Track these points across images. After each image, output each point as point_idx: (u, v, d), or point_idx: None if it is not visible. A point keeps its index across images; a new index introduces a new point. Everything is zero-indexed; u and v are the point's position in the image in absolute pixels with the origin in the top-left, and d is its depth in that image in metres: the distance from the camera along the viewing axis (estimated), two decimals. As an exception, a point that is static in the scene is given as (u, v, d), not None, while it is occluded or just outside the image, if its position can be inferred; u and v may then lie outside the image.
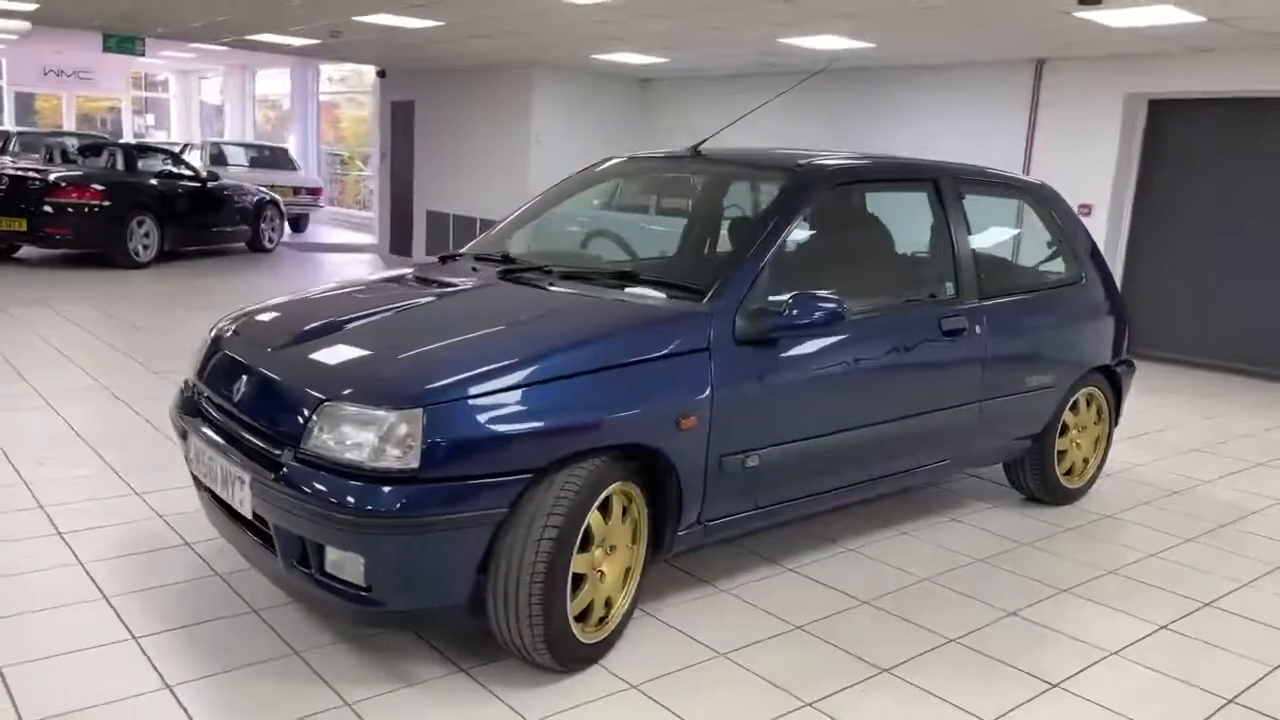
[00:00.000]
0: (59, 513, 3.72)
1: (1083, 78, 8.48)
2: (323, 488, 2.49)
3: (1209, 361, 8.12)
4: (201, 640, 2.84)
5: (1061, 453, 4.30)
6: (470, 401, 2.52)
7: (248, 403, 2.83)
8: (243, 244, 13.05)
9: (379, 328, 3.01)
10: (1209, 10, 6.21)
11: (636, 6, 7.30)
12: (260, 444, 2.70)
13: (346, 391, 2.58)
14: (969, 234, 3.80)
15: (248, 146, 17.42)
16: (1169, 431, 5.83)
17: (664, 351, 2.84)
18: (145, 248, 10.80)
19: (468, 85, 12.33)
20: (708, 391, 2.88)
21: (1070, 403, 4.25)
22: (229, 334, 3.21)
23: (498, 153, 12.01)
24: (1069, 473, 4.36)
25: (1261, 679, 2.92)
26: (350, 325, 3.00)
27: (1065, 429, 4.29)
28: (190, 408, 3.13)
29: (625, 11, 7.48)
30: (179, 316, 8.20)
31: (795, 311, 3.00)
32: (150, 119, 24.68)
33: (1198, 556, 3.89)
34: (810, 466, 3.28)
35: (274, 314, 3.33)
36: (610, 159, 4.28)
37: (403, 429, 2.46)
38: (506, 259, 3.59)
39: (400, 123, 13.67)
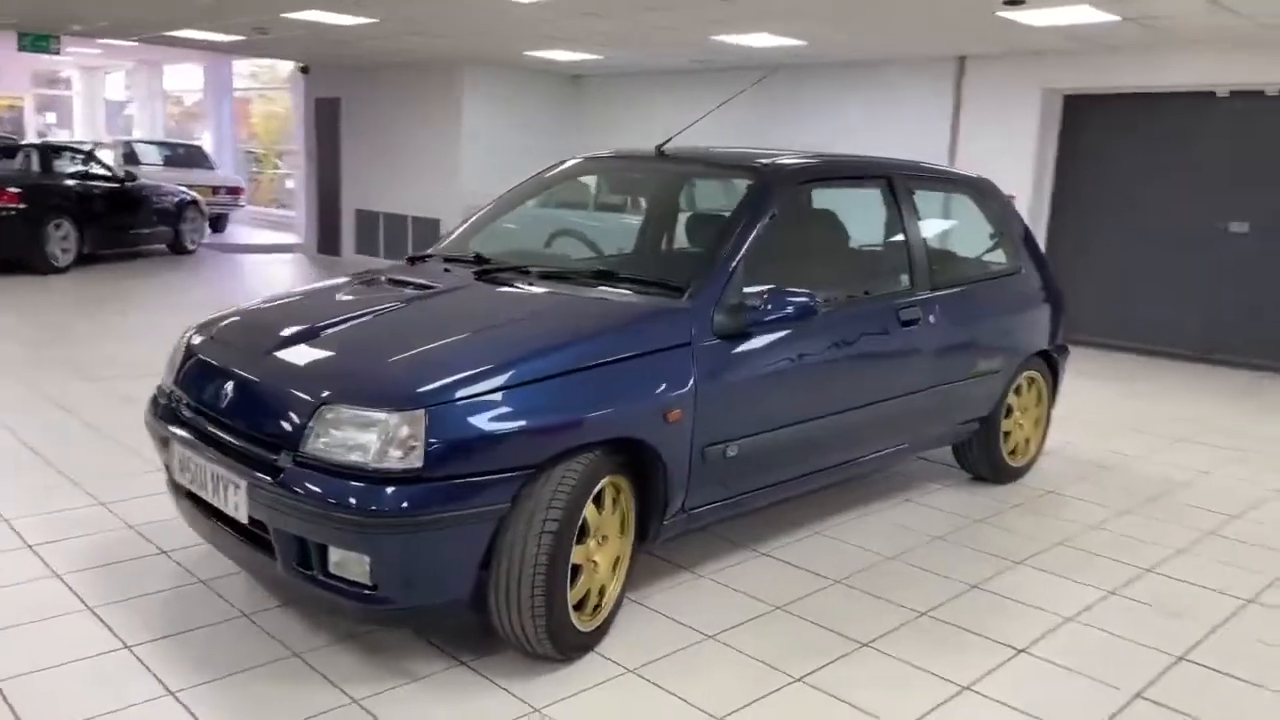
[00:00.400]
0: (24, 526, 3.66)
1: (1003, 74, 8.83)
2: (326, 489, 2.52)
3: (1126, 344, 8.55)
4: (195, 646, 2.85)
5: (1006, 433, 4.53)
6: (471, 401, 2.58)
7: (238, 408, 2.84)
8: (163, 246, 12.73)
9: (366, 330, 3.05)
10: (1123, 10, 6.55)
11: (576, 5, 7.36)
12: (254, 449, 2.72)
13: (346, 394, 2.62)
14: (920, 228, 3.99)
15: (161, 145, 16.95)
16: (1096, 412, 6.15)
17: (650, 348, 2.94)
18: (64, 251, 10.47)
19: (396, 82, 12.22)
20: (691, 385, 2.99)
21: (1014, 386, 4.48)
22: (208, 340, 3.21)
23: (429, 150, 11.93)
24: (1013, 452, 4.60)
25: (1206, 637, 3.15)
26: (336, 328, 3.03)
27: (1009, 411, 4.52)
28: (169, 415, 3.12)
29: (564, 10, 7.53)
30: (108, 322, 8.00)
31: (771, 306, 3.13)
32: (52, 117, 23.76)
33: (1135, 527, 4.15)
34: (784, 454, 3.42)
35: (253, 319, 3.34)
36: (571, 158, 4.34)
37: (406, 430, 2.51)
38: (480, 260, 3.64)
39: (325, 120, 13.46)
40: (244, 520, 2.73)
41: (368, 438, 2.54)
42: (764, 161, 3.62)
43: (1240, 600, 3.45)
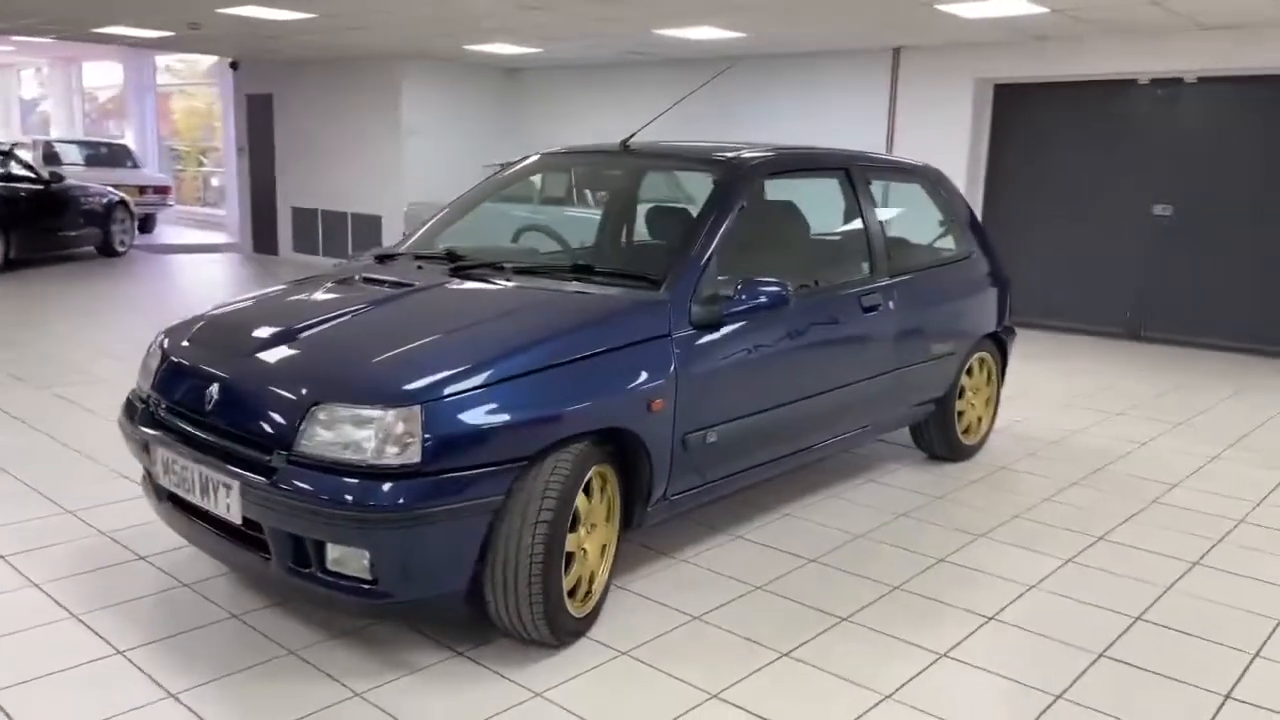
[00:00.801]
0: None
1: (936, 65, 9.07)
2: (324, 487, 2.56)
3: (1059, 325, 8.87)
4: (189, 649, 2.85)
5: (960, 413, 4.71)
6: (464, 396, 2.64)
7: (226, 410, 2.85)
8: (92, 248, 12.41)
9: (350, 329, 3.07)
10: (1052, 2, 6.79)
11: (520, -1, 7.38)
12: (244, 450, 2.74)
13: (338, 392, 2.65)
14: (878, 217, 4.13)
15: (83, 144, 16.46)
16: (1037, 390, 6.40)
17: (632, 339, 3.02)
18: (-10, 257, 10.16)
19: (332, 77, 12.06)
20: (671, 375, 3.08)
21: (966, 367, 4.66)
22: (184, 343, 3.20)
23: (368, 146, 11.82)
24: (966, 431, 4.79)
25: (1159, 598, 3.35)
26: (319, 327, 3.05)
27: (962, 391, 4.70)
28: (149, 420, 3.11)
29: (508, 3, 7.54)
30: (45, 328, 7.80)
31: (744, 295, 3.23)
32: (-41, 116, 22.89)
33: (1084, 498, 4.36)
34: (758, 439, 3.53)
35: (230, 321, 3.34)
36: (535, 153, 4.39)
37: (402, 426, 2.56)
38: (452, 257, 3.67)
39: (258, 116, 13.23)
40: (237, 521, 2.74)
41: (364, 435, 2.57)
42: (730, 155, 3.72)
43: (1187, 563, 3.66)
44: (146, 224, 15.37)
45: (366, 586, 2.62)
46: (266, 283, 11.48)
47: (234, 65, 13.29)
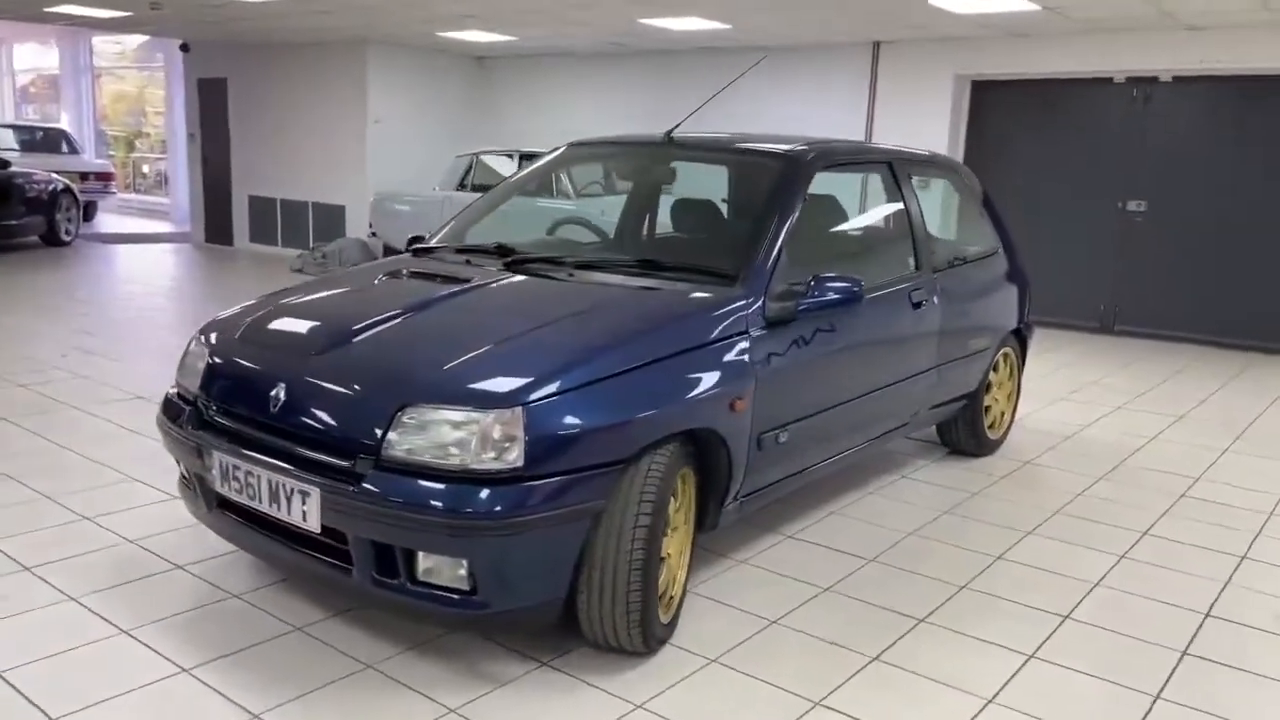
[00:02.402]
0: (11, 546, 3.38)
1: (915, 59, 9.12)
2: (420, 493, 2.43)
3: (1034, 318, 8.97)
4: (258, 664, 2.70)
5: (985, 408, 4.72)
6: (564, 396, 2.53)
7: (297, 412, 2.69)
8: (36, 237, 11.88)
9: (422, 326, 2.93)
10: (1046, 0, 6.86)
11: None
12: (321, 455, 2.59)
13: (430, 394, 2.52)
14: (921, 211, 4.10)
15: (18, 128, 15.73)
16: (1031, 383, 6.44)
17: (716, 337, 2.94)
18: (-68, 246, 9.63)
19: (293, 61, 11.70)
20: (750, 373, 3.01)
21: (993, 362, 4.67)
22: (237, 341, 3.02)
23: (331, 134, 11.49)
24: (991, 426, 4.80)
25: (1221, 593, 3.38)
26: (388, 325, 2.90)
27: (989, 386, 4.71)
28: (200, 423, 2.93)
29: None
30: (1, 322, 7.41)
31: (817, 292, 3.16)
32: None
33: (1114, 493, 4.40)
34: (820, 437, 3.48)
35: (286, 317, 3.16)
36: (567, 144, 4.26)
37: (504, 428, 2.44)
38: (504, 251, 3.54)
39: (210, 101, 12.78)
40: (315, 530, 2.59)
41: (461, 438, 2.45)
42: (788, 148, 3.64)
43: (1235, 556, 3.70)
44: (88, 212, 14.74)
45: (462, 597, 2.49)
46: (230, 273, 11.05)
47: (184, 48, 12.82)
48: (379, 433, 2.52)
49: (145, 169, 19.56)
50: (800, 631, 3.01)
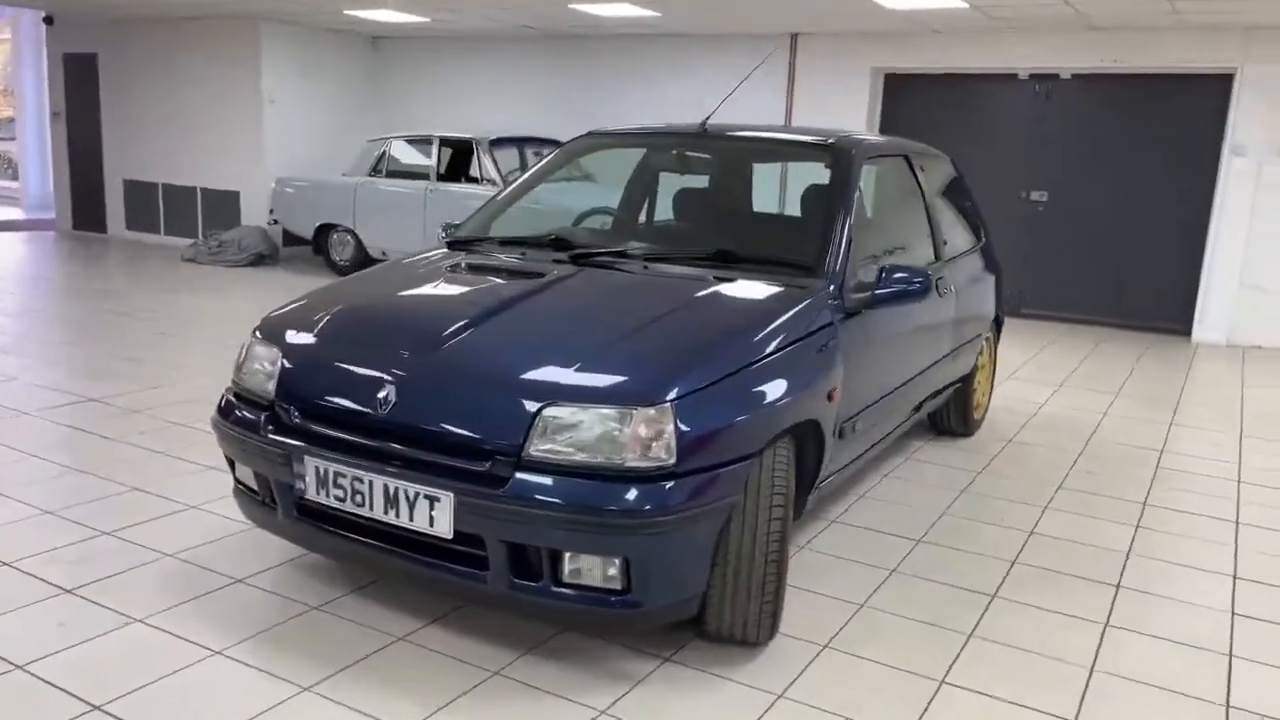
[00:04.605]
0: (35, 565, 3.10)
1: (832, 52, 9.36)
2: (575, 493, 2.38)
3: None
4: (381, 679, 2.57)
5: (971, 390, 4.95)
6: (705, 391, 2.52)
7: (411, 415, 2.57)
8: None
9: (525, 323, 2.85)
10: (977, -1, 7.19)
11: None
12: (449, 459, 2.49)
13: (573, 393, 2.47)
14: (934, 202, 4.25)
15: None
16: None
17: (813, 328, 2.97)
18: None
19: (175, 37, 10.97)
20: (839, 363, 3.06)
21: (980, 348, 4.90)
22: (323, 342, 2.86)
23: (222, 115, 10.84)
24: (976, 407, 5.03)
25: (1236, 556, 3.67)
26: (488, 323, 2.80)
27: (975, 370, 4.94)
28: (283, 427, 2.76)
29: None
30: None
31: (892, 283, 3.25)
32: None
33: (1098, 466, 4.68)
34: (876, 421, 3.57)
35: (369, 316, 3.02)
36: (588, 133, 4.18)
37: (656, 425, 2.41)
38: (561, 243, 3.46)
39: (78, 78, 11.85)
40: (447, 535, 2.49)
41: (612, 436, 2.41)
42: (835, 140, 3.70)
43: (1231, 522, 4.02)
44: (-73, 197, 13.49)
45: (616, 597, 2.45)
46: (112, 261, 10.29)
47: (48, 20, 11.84)
48: (520, 434, 2.44)
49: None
50: (891, 614, 3.09)
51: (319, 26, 10.80)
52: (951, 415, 4.89)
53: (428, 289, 3.21)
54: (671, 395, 2.45)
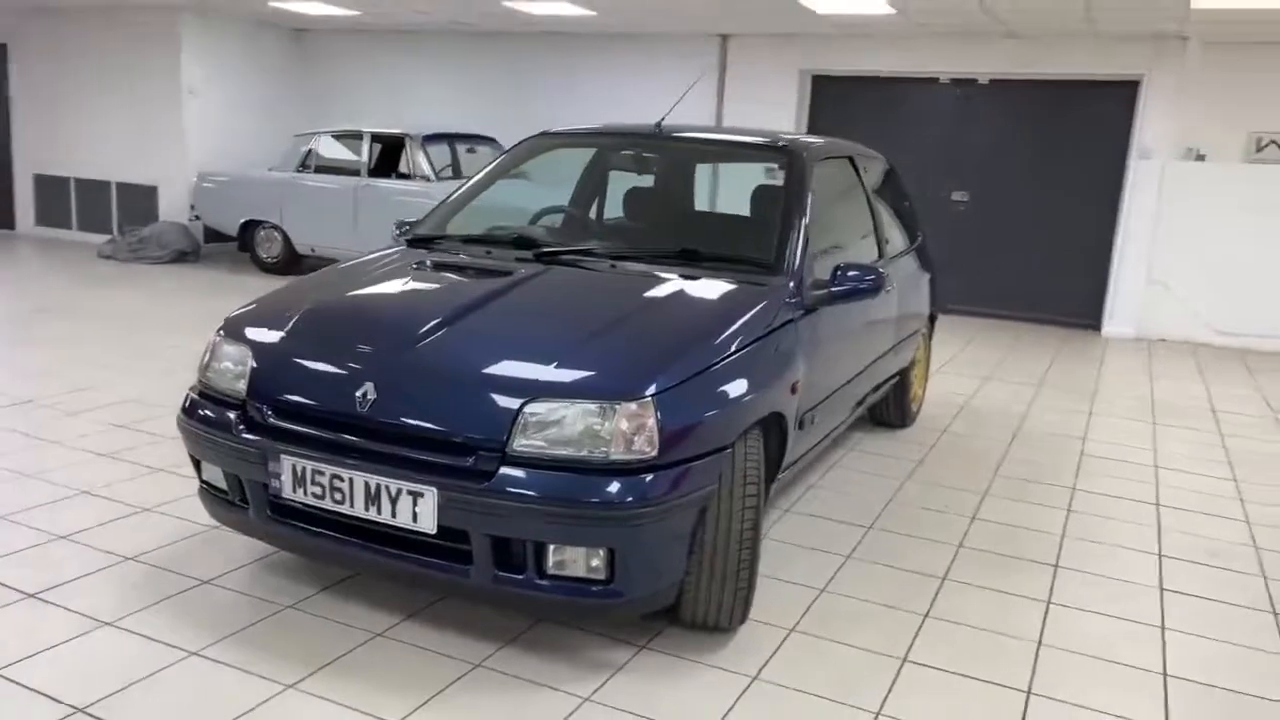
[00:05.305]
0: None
1: (760, 54, 9.54)
2: (560, 487, 2.45)
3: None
4: (364, 675, 2.60)
5: (909, 384, 5.15)
6: (684, 385, 2.61)
7: (391, 412, 2.60)
8: None
9: (501, 321, 2.90)
10: (901, 4, 7.42)
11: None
12: (431, 455, 2.54)
13: (557, 388, 2.53)
14: (878, 202, 4.41)
15: None
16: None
17: (777, 324, 3.09)
18: None
19: (90, 27, 10.60)
20: (800, 357, 3.18)
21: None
22: (295, 340, 2.87)
23: (139, 108, 10.52)
24: (912, 399, 5.23)
25: (1160, 537, 3.91)
26: (464, 321, 2.85)
27: (913, 364, 5.13)
28: (256, 426, 2.76)
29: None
30: None
31: (847, 281, 3.38)
32: None
33: (1029, 453, 4.92)
34: (830, 414, 3.71)
35: (341, 314, 3.03)
36: (541, 133, 4.22)
37: (639, 419, 2.49)
38: (525, 242, 3.51)
39: (-17, 68, 11.37)
40: (430, 531, 2.54)
41: (597, 430, 2.48)
42: (787, 142, 3.82)
43: (1151, 504, 4.28)
44: None
45: (599, 586, 2.52)
46: (24, 259, 10.02)
47: (-51, 6, 11.31)
48: (504, 429, 2.50)
49: None
50: (851, 597, 3.23)
51: (240, 17, 10.57)
52: (891, 408, 5.08)
53: (399, 287, 3.23)
54: (652, 390, 2.53)
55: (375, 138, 9.22)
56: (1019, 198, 9.19)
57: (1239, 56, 8.07)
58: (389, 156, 9.41)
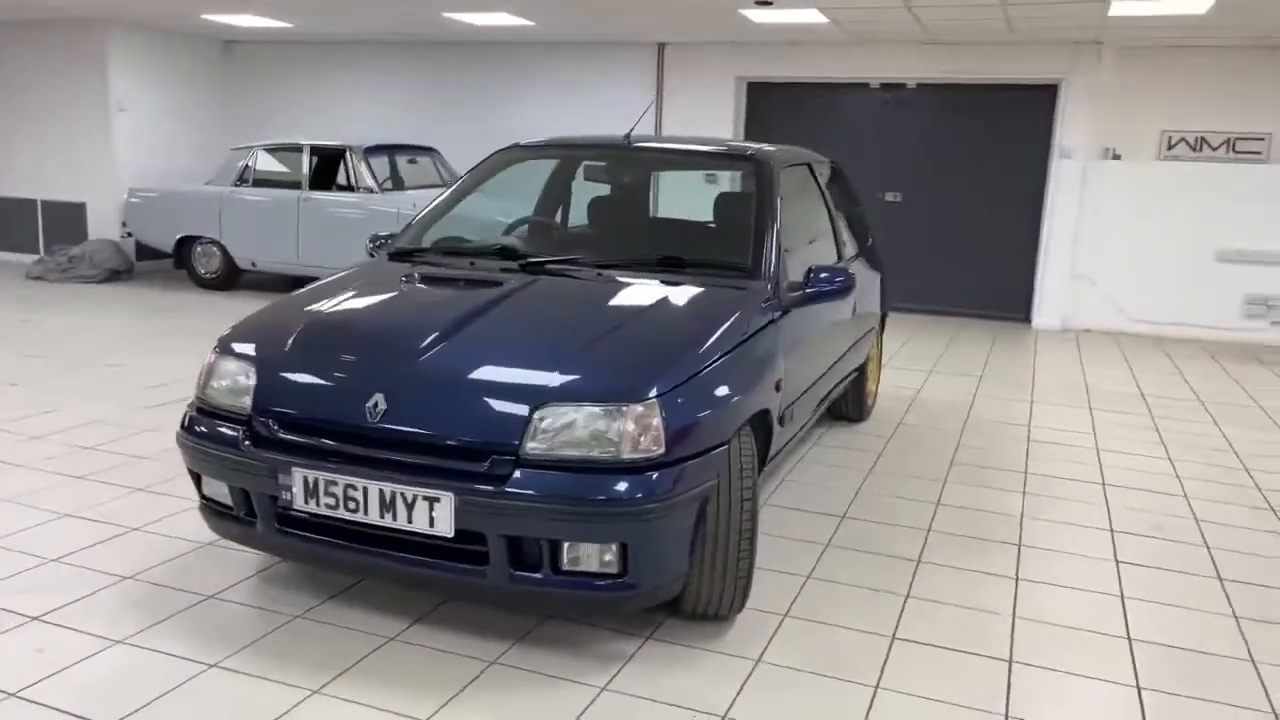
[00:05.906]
0: (-5, 598, 3.02)
1: (696, 61, 9.74)
2: (576, 487, 2.56)
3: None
4: (380, 679, 2.68)
5: (866, 380, 5.36)
6: (685, 386, 2.75)
7: (404, 421, 2.69)
8: None
9: (501, 329, 3.00)
10: (834, 14, 7.68)
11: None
12: (446, 461, 2.63)
13: (568, 393, 2.64)
14: (835, 207, 4.61)
15: None
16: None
17: (761, 325, 3.25)
18: None
19: (13, 42, 10.30)
20: (781, 357, 3.35)
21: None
22: (298, 354, 2.93)
23: (67, 124, 10.26)
24: (868, 395, 5.45)
25: (1110, 513, 4.17)
26: (466, 330, 2.94)
27: (868, 361, 5.35)
28: (263, 440, 2.82)
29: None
30: None
31: (820, 283, 3.55)
32: None
33: (981, 441, 5.17)
34: (802, 410, 3.88)
35: (342, 327, 3.09)
36: (513, 145, 4.31)
37: (646, 420, 2.62)
38: (509, 253, 3.61)
39: (-107, 84, 10.95)
40: (448, 534, 2.62)
41: (607, 432, 2.60)
42: (754, 151, 3.99)
43: (1097, 484, 4.55)
44: None
45: (613, 581, 2.64)
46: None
47: None
48: (516, 434, 2.60)
49: None
50: (835, 582, 3.40)
51: (169, 31, 10.40)
52: (850, 403, 5.29)
53: (393, 300, 3.30)
54: (656, 391, 2.66)
55: (315, 150, 9.16)
56: (949, 197, 9.55)
57: (1150, 60, 8.55)
58: (328, 169, 9.36)
